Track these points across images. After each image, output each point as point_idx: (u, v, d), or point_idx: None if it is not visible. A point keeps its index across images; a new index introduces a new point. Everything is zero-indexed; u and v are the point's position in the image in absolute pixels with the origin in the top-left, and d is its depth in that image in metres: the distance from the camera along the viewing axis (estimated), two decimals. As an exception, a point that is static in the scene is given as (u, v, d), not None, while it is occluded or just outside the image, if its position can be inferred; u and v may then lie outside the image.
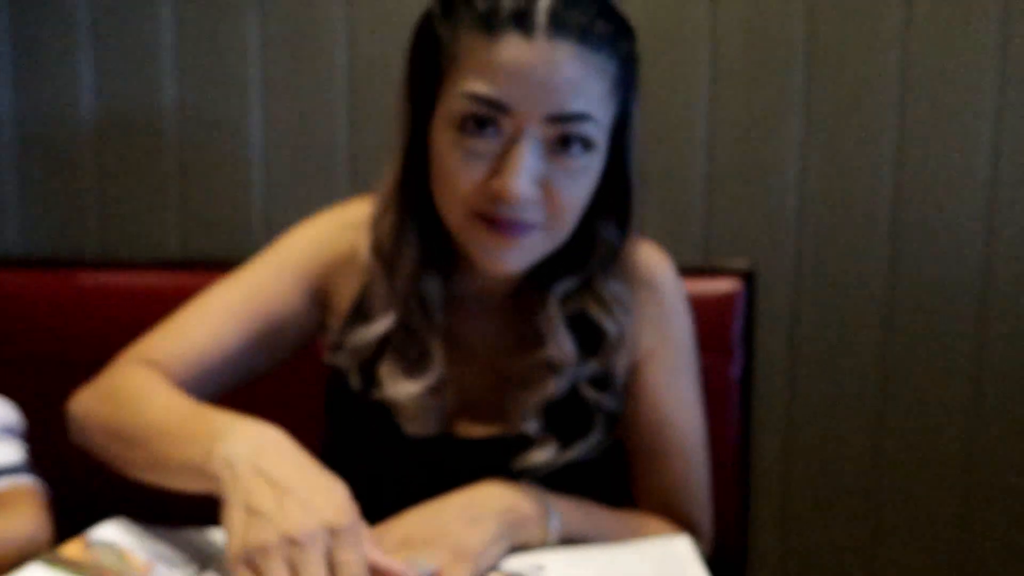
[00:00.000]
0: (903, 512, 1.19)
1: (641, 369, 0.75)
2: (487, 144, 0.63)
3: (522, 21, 0.61)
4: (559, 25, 0.60)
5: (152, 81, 1.22)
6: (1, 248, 1.25)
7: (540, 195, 0.63)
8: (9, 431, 0.77)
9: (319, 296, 0.77)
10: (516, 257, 0.66)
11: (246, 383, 0.76)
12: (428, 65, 0.66)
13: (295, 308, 0.76)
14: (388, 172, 0.72)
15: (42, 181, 1.25)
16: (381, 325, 0.71)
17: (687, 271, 1.07)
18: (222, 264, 1.14)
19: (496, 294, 0.75)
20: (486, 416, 0.74)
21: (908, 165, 1.14)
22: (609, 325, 0.72)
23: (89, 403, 0.69)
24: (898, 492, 1.19)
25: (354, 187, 1.21)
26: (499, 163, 0.62)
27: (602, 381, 0.73)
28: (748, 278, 1.08)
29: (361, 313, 0.74)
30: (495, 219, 0.64)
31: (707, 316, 1.03)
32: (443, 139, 0.64)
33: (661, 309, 0.76)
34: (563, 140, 0.63)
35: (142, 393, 0.66)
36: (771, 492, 1.20)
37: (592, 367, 0.72)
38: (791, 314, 1.17)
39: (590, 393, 0.72)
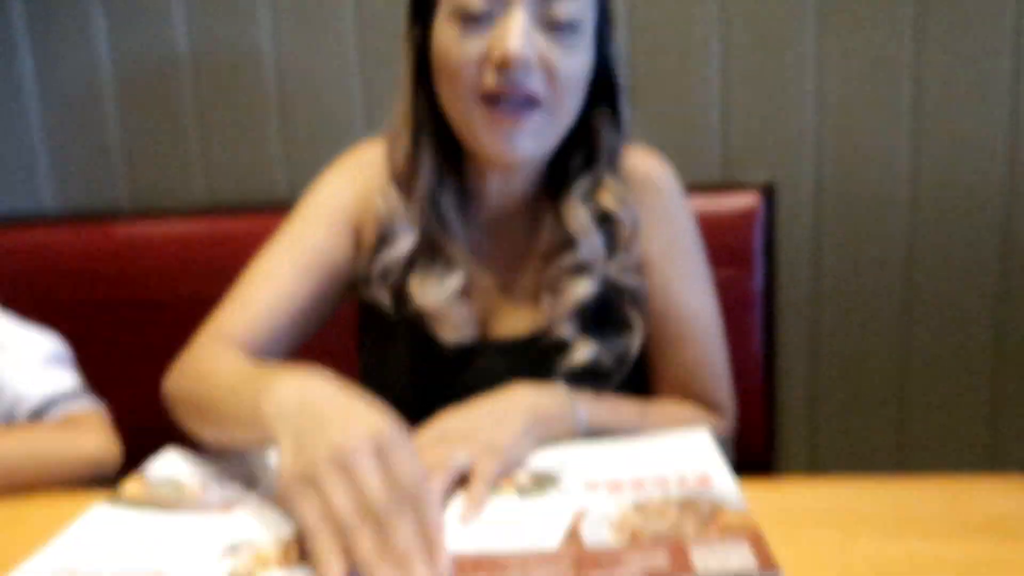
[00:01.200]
0: (930, 418, 1.21)
1: (653, 265, 0.78)
2: (484, 27, 0.68)
3: None
4: None
5: (165, 30, 1.23)
6: (36, 205, 1.29)
7: (538, 65, 0.68)
8: (60, 360, 0.82)
9: (355, 236, 0.80)
10: (524, 141, 0.70)
11: (313, 334, 0.79)
12: None
13: (346, 253, 0.79)
14: (398, 99, 0.76)
15: (70, 138, 1.27)
16: (405, 243, 0.75)
17: (705, 187, 1.08)
18: (246, 208, 1.18)
19: (513, 207, 0.78)
20: (518, 321, 0.78)
21: (927, 72, 1.11)
22: (624, 214, 0.76)
23: (175, 381, 0.74)
24: (925, 392, 1.21)
25: (368, 122, 1.22)
26: (496, 35, 0.67)
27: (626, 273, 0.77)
28: (767, 192, 1.07)
29: (385, 241, 0.77)
30: (499, 96, 0.68)
31: (727, 231, 1.04)
32: (444, 37, 0.69)
33: (663, 205, 0.80)
34: (553, 20, 0.68)
35: (214, 366, 0.70)
36: (797, 400, 1.23)
37: (617, 260, 0.76)
38: (813, 226, 1.17)
39: (626, 280, 0.76)
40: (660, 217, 0.79)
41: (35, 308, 1.16)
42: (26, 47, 1.25)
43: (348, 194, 0.80)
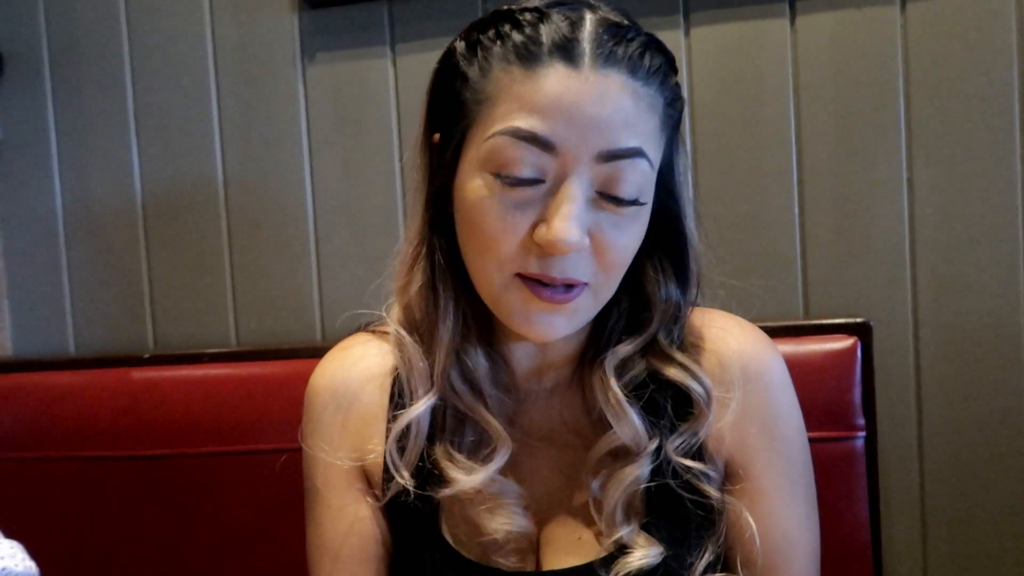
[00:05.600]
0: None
1: (747, 474, 0.63)
2: (529, 192, 0.56)
3: (566, 51, 0.55)
4: (607, 55, 0.55)
5: (201, 165, 1.17)
6: (56, 347, 1.21)
7: (588, 247, 0.57)
8: None
9: (366, 478, 0.67)
10: (560, 322, 0.59)
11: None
12: (452, 108, 0.59)
13: (372, 519, 0.66)
14: (410, 233, 0.64)
15: (93, 277, 1.20)
16: (423, 403, 0.62)
17: (789, 331, 0.95)
18: (280, 353, 1.08)
19: (554, 373, 0.66)
20: (572, 541, 0.63)
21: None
22: (693, 384, 0.62)
23: None
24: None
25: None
26: (544, 211, 0.56)
27: (695, 458, 0.62)
28: (863, 333, 0.94)
29: (398, 405, 0.65)
30: (541, 282, 0.57)
31: (821, 382, 0.90)
32: (474, 189, 0.57)
33: (766, 401, 0.64)
34: (612, 184, 0.56)
35: None
36: None
37: (680, 440, 0.62)
38: (913, 374, 1.02)
39: (683, 468, 0.61)
40: (760, 415, 0.63)
41: (45, 456, 1.08)
42: (57, 176, 1.21)
43: (344, 444, 0.67)
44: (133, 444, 1.02)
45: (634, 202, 0.57)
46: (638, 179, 0.56)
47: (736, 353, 0.64)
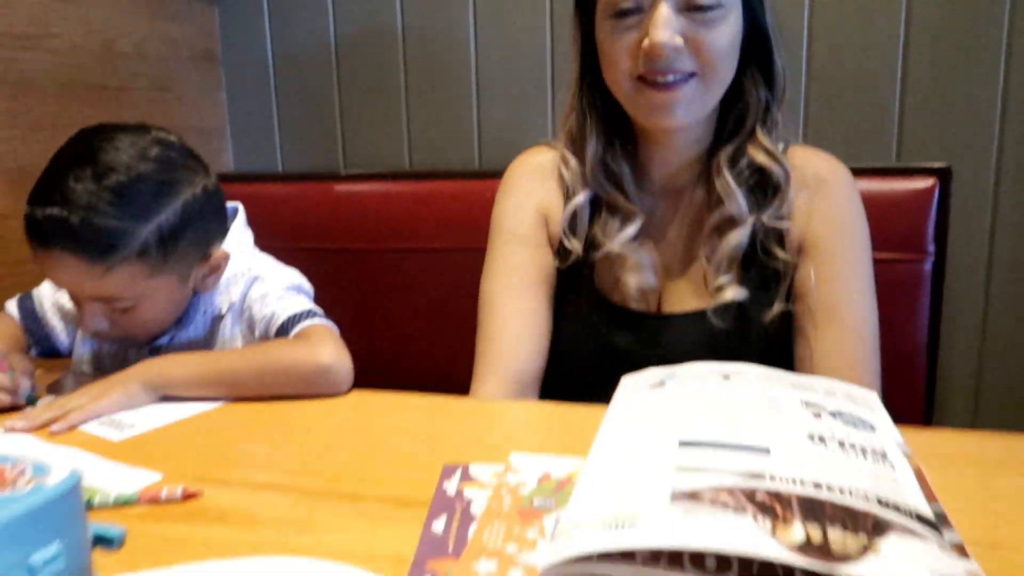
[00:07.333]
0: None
1: (817, 248, 0.83)
2: (634, 21, 0.77)
3: None
4: None
5: (383, 17, 1.39)
6: (267, 166, 1.50)
7: (685, 46, 0.76)
8: (301, 289, 0.95)
9: (547, 229, 0.90)
10: (679, 109, 0.79)
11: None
12: None
13: (547, 255, 0.89)
14: (569, 86, 0.88)
15: (296, 110, 1.48)
16: (582, 196, 0.86)
17: (881, 172, 1.10)
18: (445, 174, 1.32)
19: (684, 176, 0.87)
20: (688, 295, 0.86)
21: None
22: (775, 168, 0.82)
23: None
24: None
25: (558, 107, 1.32)
26: (644, 28, 0.77)
27: (777, 230, 0.83)
28: (943, 177, 1.08)
29: (570, 199, 0.88)
30: (654, 79, 0.77)
31: (901, 214, 1.06)
32: (601, 32, 0.81)
33: (833, 202, 0.84)
34: (697, 4, 0.76)
35: None
36: (960, 390, 1.22)
37: (769, 210, 0.82)
38: (990, 215, 1.16)
39: (778, 225, 0.82)
40: (829, 205, 0.83)
41: (269, 247, 1.37)
42: (268, 26, 1.46)
43: (530, 203, 0.90)
44: (336, 239, 1.30)
45: (712, 7, 0.76)
46: None
47: (815, 167, 0.85)
